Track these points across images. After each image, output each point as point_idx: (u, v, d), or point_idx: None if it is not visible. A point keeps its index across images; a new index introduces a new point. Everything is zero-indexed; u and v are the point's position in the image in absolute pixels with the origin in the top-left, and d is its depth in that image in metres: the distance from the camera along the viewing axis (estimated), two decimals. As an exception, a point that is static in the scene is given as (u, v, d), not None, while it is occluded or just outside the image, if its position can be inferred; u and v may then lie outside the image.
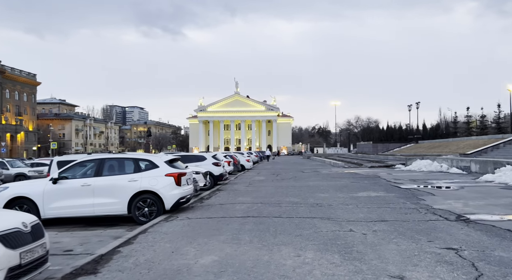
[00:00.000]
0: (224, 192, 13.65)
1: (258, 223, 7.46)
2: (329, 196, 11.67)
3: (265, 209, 9.16)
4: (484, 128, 60.13)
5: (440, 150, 41.86)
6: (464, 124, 67.41)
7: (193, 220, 7.96)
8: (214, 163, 16.67)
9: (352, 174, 21.68)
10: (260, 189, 14.37)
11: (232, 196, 12.29)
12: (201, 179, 13.90)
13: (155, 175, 8.69)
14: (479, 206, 9.13)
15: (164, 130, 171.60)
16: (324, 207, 9.38)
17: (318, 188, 14.18)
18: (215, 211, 9.04)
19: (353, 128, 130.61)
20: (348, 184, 15.36)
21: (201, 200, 11.29)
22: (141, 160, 8.96)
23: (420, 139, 62.94)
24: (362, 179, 17.89)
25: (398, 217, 7.91)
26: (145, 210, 8.54)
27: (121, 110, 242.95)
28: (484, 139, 40.28)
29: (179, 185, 8.81)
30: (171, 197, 8.64)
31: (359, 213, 8.48)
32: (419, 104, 59.64)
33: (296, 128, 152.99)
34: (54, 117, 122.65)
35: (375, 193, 12.07)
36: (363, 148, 77.04)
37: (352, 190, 13.22)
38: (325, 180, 17.64)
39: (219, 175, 16.62)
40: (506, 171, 15.32)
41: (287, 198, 11.38)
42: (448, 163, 22.37)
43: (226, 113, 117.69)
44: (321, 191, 13.10)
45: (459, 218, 7.61)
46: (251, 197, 11.71)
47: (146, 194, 8.58)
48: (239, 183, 17.20)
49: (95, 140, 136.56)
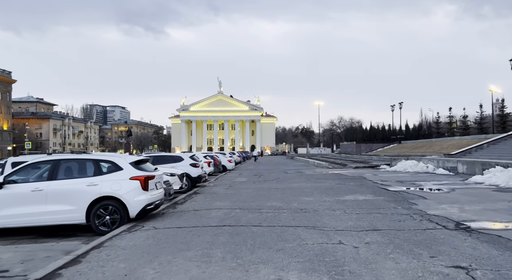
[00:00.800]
0: (201, 195, 12.64)
1: (235, 233, 6.51)
2: (314, 200, 10.81)
3: (243, 216, 8.21)
4: (466, 129, 60.60)
5: (424, 150, 41.72)
6: (446, 125, 67.95)
7: (160, 230, 6.94)
8: (191, 164, 15.63)
9: (337, 175, 20.95)
10: (241, 192, 13.42)
11: (210, 200, 11.30)
12: (176, 182, 12.86)
13: (118, 179, 7.64)
14: (476, 211, 8.39)
15: (146, 130, 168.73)
16: (309, 213, 8.50)
17: (302, 190, 13.33)
18: (187, 219, 8.04)
19: (336, 129, 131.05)
20: (333, 186, 14.56)
21: (174, 205, 10.26)
22: (102, 161, 7.88)
23: (403, 139, 63.09)
24: (348, 180, 17.14)
25: (391, 225, 7.09)
26: (106, 219, 7.48)
27: (102, 110, 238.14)
28: (467, 139, 40.32)
29: (146, 190, 7.78)
30: (137, 203, 7.61)
31: (348, 220, 7.62)
32: (402, 104, 59.72)
33: (280, 128, 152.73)
34: (30, 116, 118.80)
35: (363, 196, 11.27)
36: (346, 148, 76.95)
37: (338, 192, 12.40)
38: (310, 182, 16.81)
39: (197, 177, 15.58)
40: (495, 172, 14.78)
41: (269, 202, 10.47)
42: (434, 164, 21.87)
43: (209, 113, 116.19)
44: (306, 194, 12.24)
45: (459, 227, 6.83)
46: (230, 202, 10.75)
47: (108, 200, 7.52)
48: (218, 185, 16.20)
49: (74, 140, 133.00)
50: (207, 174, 19.59)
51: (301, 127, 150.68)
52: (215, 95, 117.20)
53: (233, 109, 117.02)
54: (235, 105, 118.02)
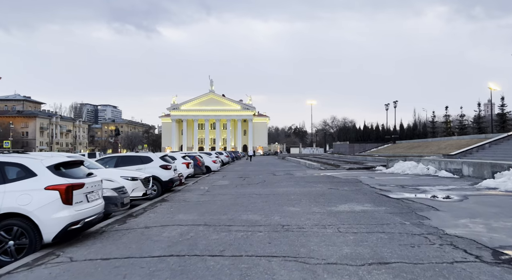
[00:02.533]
0: (167, 204, 10.57)
1: (179, 272, 4.47)
2: (301, 210, 8.81)
3: (204, 238, 6.17)
4: (464, 128, 58.86)
5: (420, 150, 39.93)
6: (442, 124, 66.36)
7: (74, 265, 4.86)
8: (162, 166, 13.52)
9: (329, 177, 18.99)
10: (217, 198, 11.39)
11: (174, 211, 9.24)
12: (138, 187, 10.79)
13: (29, 189, 5.56)
14: (510, 229, 6.45)
15: (137, 129, 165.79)
16: (292, 232, 6.48)
17: (288, 197, 11.33)
18: (126, 243, 5.97)
19: (329, 128, 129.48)
20: (325, 192, 12.58)
21: (125, 219, 8.18)
22: (8, 164, 5.78)
23: (398, 139, 61.42)
24: (342, 184, 15.18)
25: (403, 253, 5.10)
26: (9, 245, 5.39)
27: (93, 109, 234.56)
28: (466, 139, 38.61)
29: (69, 204, 5.70)
30: (54, 222, 5.53)
31: (343, 244, 5.62)
32: (396, 103, 57.96)
33: (273, 128, 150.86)
34: (16, 115, 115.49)
35: (360, 206, 9.29)
36: (339, 148, 75.17)
37: (331, 200, 10.42)
38: (298, 186, 14.82)
39: (169, 181, 13.47)
40: (510, 176, 12.90)
41: (244, 214, 8.44)
42: (435, 165, 20.01)
43: (200, 112, 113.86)
44: (292, 202, 10.24)
45: (499, 257, 4.86)
46: (197, 213, 8.71)
47: (12, 219, 5.44)
48: (194, 190, 14.14)
49: (62, 139, 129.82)
50: (184, 176, 17.53)
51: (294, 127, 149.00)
52: (206, 94, 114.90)
53: (224, 108, 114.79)
54: (226, 104, 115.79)
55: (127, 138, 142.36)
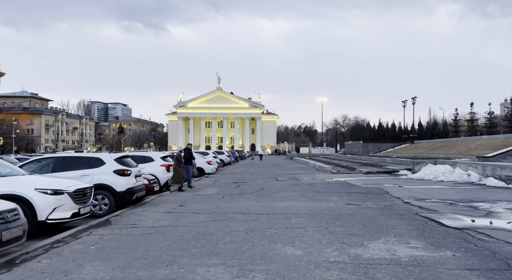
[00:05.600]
0: (98, 234, 6.88)
1: None
2: (305, 257, 5.06)
3: None
4: (493, 127, 53.79)
5: (445, 151, 35.58)
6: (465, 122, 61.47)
7: None
8: (117, 171, 9.76)
9: (345, 185, 15.15)
10: (181, 222, 7.70)
11: (87, 255, 5.56)
12: (64, 205, 7.15)
13: None
14: None
15: (145, 127, 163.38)
16: None
17: (287, 221, 7.58)
18: None
19: (340, 127, 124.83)
20: (342, 211, 8.79)
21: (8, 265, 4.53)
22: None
23: (416, 139, 56.94)
24: (363, 197, 11.36)
25: None
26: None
27: (103, 107, 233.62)
28: (500, 138, 34.18)
29: None
30: None
31: None
32: (415, 99, 53.47)
33: (282, 127, 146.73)
34: (21, 111, 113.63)
35: (406, 249, 5.48)
36: (351, 148, 70.87)
37: (353, 230, 6.63)
38: (304, 199, 11.05)
39: (127, 192, 9.65)
40: None
41: (202, 267, 4.73)
42: (477, 171, 16.02)
43: (207, 110, 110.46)
44: (292, 233, 6.48)
45: None
46: (120, 262, 5.01)
47: None
48: (163, 203, 10.43)
49: (68, 136, 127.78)
50: (162, 182, 13.92)
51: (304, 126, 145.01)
52: (213, 91, 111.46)
53: (232, 106, 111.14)
54: (234, 101, 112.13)
55: (134, 136, 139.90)
